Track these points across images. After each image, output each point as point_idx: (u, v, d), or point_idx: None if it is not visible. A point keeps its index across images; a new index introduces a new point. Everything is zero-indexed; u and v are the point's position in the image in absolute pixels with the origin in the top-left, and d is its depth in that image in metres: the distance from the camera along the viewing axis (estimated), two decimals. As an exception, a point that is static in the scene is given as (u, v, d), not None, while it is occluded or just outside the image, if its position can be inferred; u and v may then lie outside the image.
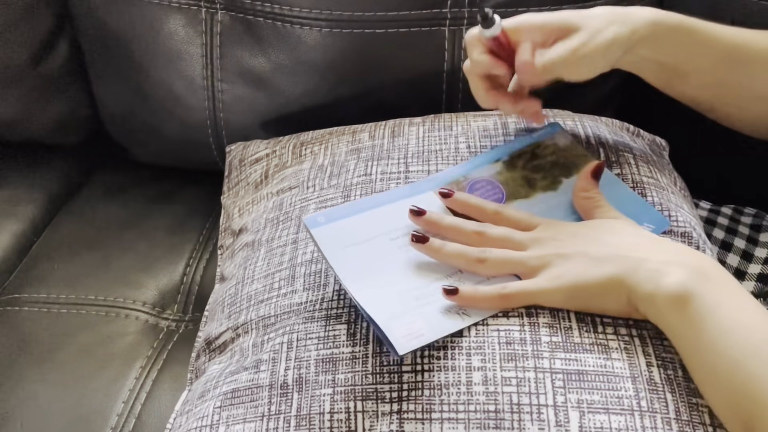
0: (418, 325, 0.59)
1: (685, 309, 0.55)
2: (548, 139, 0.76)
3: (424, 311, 0.60)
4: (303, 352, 0.62)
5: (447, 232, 0.65)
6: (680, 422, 0.54)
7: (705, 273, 0.57)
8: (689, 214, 0.72)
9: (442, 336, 0.59)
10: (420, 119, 0.85)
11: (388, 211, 0.68)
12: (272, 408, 0.60)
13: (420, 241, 0.64)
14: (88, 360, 0.88)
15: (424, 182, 0.72)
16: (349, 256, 0.64)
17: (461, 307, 0.61)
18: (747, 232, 0.84)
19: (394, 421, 0.56)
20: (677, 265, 0.57)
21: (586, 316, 0.60)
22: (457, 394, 0.56)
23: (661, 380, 0.56)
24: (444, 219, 0.66)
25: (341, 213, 0.67)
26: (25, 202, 1.10)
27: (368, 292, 0.61)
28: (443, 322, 0.60)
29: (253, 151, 0.91)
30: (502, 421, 0.55)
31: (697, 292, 0.55)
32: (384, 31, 0.93)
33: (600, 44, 0.66)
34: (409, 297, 0.61)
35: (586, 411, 0.55)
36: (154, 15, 0.99)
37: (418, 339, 0.58)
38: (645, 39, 0.68)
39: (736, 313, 0.54)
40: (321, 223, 0.66)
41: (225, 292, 0.76)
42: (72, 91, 1.12)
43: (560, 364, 0.57)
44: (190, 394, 0.70)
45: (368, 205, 0.69)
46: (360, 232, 0.66)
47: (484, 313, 0.61)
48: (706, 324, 0.54)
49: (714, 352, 0.54)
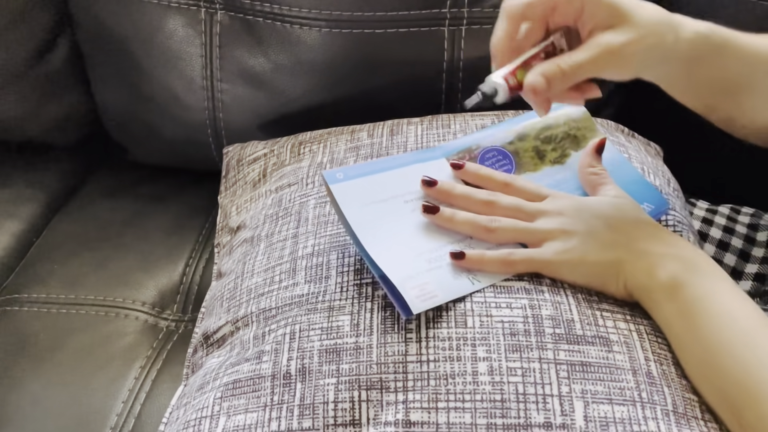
0: (431, 287, 0.61)
1: (677, 298, 0.58)
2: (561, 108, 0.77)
3: (436, 274, 0.62)
4: (306, 342, 0.62)
5: (458, 201, 0.67)
6: (677, 414, 0.55)
7: (697, 266, 0.59)
8: (680, 214, 0.73)
9: (453, 298, 0.61)
10: (418, 119, 0.85)
11: (404, 174, 0.69)
12: (275, 398, 0.60)
13: (430, 211, 0.66)
14: (87, 360, 0.87)
15: (438, 149, 0.74)
16: (366, 215, 0.65)
17: (471, 272, 0.63)
18: (744, 231, 0.84)
19: (400, 410, 0.56)
20: (672, 258, 0.60)
21: (587, 310, 0.61)
22: (463, 383, 0.56)
23: (658, 374, 0.57)
24: (455, 188, 0.68)
25: (359, 171, 0.68)
26: (25, 201, 1.10)
27: (383, 252, 0.63)
28: (454, 286, 0.62)
29: (250, 152, 0.92)
30: (509, 410, 0.55)
31: (689, 283, 0.58)
32: (383, 31, 0.93)
33: (647, 46, 0.60)
34: (421, 259, 0.63)
35: (591, 401, 0.55)
36: (153, 15, 0.99)
37: (431, 300, 0.60)
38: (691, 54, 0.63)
39: (725, 304, 0.57)
40: (339, 180, 0.67)
41: (223, 287, 0.75)
42: (71, 91, 1.12)
43: (564, 356, 0.58)
44: (186, 388, 0.69)
45: (385, 165, 0.70)
46: (377, 192, 0.67)
47: (494, 279, 0.63)
48: (698, 312, 0.57)
49: (704, 339, 0.56)
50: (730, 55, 0.64)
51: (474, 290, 0.62)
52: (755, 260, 0.82)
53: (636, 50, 0.59)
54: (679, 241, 0.62)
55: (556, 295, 0.62)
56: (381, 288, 0.63)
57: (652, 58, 0.61)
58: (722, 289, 0.58)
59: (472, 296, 0.62)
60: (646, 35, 0.59)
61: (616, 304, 0.62)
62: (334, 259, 0.68)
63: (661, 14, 0.61)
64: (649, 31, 0.60)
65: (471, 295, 0.62)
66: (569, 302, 0.61)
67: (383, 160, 0.72)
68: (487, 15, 0.91)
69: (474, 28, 0.92)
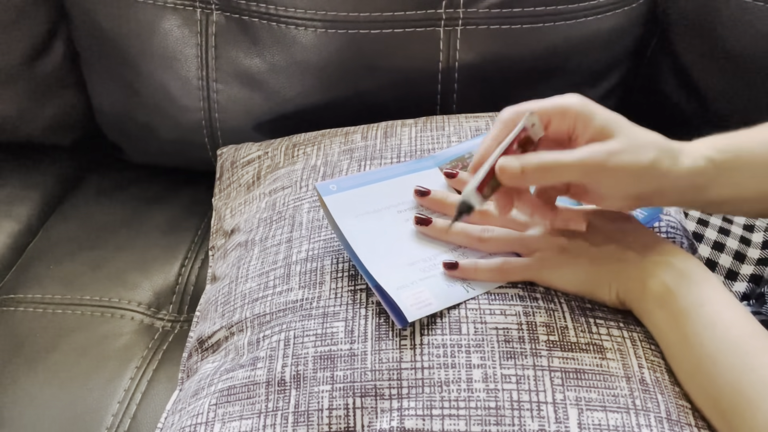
0: (425, 295, 0.61)
1: (669, 306, 0.58)
2: None
3: (431, 282, 0.63)
4: (300, 349, 0.62)
5: (451, 210, 0.67)
6: (671, 422, 0.56)
7: (689, 274, 0.59)
8: (674, 218, 0.73)
9: (448, 305, 0.61)
10: (412, 121, 0.85)
11: (397, 184, 0.70)
12: (269, 405, 0.60)
13: (423, 223, 0.67)
14: (83, 360, 0.87)
15: (431, 158, 0.74)
16: (360, 225, 0.66)
17: (465, 280, 0.63)
18: (740, 232, 0.84)
19: (394, 417, 0.56)
20: (664, 266, 0.60)
21: (580, 317, 0.61)
22: (458, 391, 0.57)
23: (651, 381, 0.58)
24: (448, 197, 0.68)
25: (352, 183, 0.69)
26: (21, 202, 1.10)
27: (378, 261, 0.63)
28: (449, 293, 0.62)
29: (244, 153, 0.92)
30: (503, 417, 0.55)
31: (681, 291, 0.58)
32: (379, 31, 0.93)
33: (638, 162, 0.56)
34: (415, 268, 0.64)
35: (585, 408, 0.55)
36: (149, 16, 0.98)
37: (426, 308, 0.60)
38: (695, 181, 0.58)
39: (717, 313, 0.57)
40: (333, 191, 0.68)
41: (218, 291, 0.75)
42: (67, 92, 1.12)
43: (558, 363, 0.58)
44: (182, 393, 0.70)
45: (378, 177, 0.71)
46: (370, 202, 0.68)
47: (487, 286, 0.63)
48: (689, 320, 0.57)
49: (696, 345, 0.56)
50: (743, 173, 0.60)
51: (468, 298, 0.62)
52: (750, 261, 0.82)
53: (622, 163, 0.55)
54: (671, 249, 0.62)
55: (550, 303, 0.62)
56: (375, 294, 0.63)
57: (645, 179, 0.57)
58: (714, 297, 0.58)
59: (467, 303, 0.62)
60: (637, 151, 0.56)
61: (610, 312, 0.62)
62: (328, 264, 0.67)
63: (657, 138, 0.58)
64: (640, 147, 0.56)
65: (465, 302, 0.62)
66: (563, 309, 0.62)
67: (376, 171, 0.72)
68: (482, 16, 0.91)
69: (469, 29, 0.92)
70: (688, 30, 0.97)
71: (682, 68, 1.00)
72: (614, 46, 0.98)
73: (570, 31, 0.93)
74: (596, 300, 0.63)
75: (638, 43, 1.01)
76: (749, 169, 0.60)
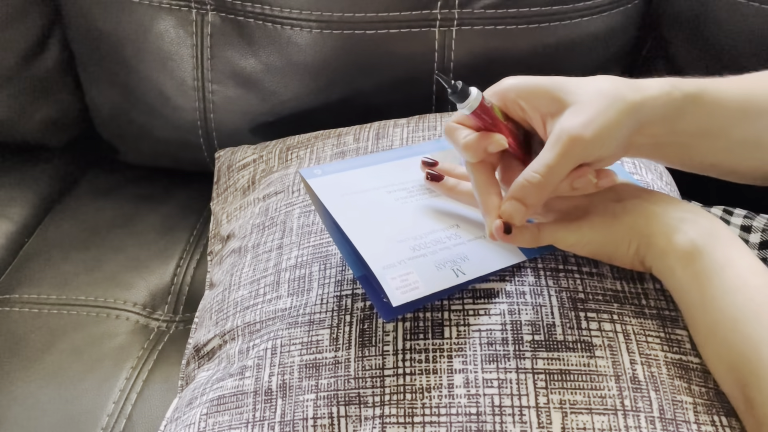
0: (413, 277, 0.58)
1: (694, 265, 0.55)
2: None
3: (420, 262, 0.59)
4: (287, 357, 0.62)
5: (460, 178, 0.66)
6: (664, 421, 0.54)
7: (716, 234, 0.56)
8: None
9: (436, 290, 0.58)
10: (405, 120, 0.85)
11: (386, 168, 0.68)
12: (257, 414, 0.60)
13: (435, 179, 0.65)
14: (78, 360, 0.88)
15: (415, 147, 0.72)
16: (347, 203, 0.63)
17: (456, 264, 0.60)
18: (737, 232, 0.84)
19: (376, 425, 0.56)
20: (690, 223, 0.57)
21: (570, 311, 0.60)
22: (439, 397, 0.56)
23: (644, 378, 0.56)
24: (457, 168, 0.67)
25: (338, 167, 0.67)
26: (16, 202, 1.11)
27: (366, 238, 0.60)
28: (438, 277, 0.59)
29: (240, 157, 0.92)
30: (484, 423, 0.55)
31: (707, 250, 0.55)
32: (374, 32, 0.93)
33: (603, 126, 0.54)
34: (405, 246, 0.60)
35: (569, 411, 0.54)
36: (144, 16, 0.98)
37: (412, 291, 0.57)
38: (658, 115, 0.57)
39: (742, 275, 0.54)
40: (317, 175, 0.65)
41: (213, 298, 0.76)
42: (63, 93, 1.12)
43: (542, 364, 0.57)
44: (180, 401, 0.70)
45: (364, 162, 0.68)
46: (358, 184, 0.65)
47: (479, 271, 0.60)
48: (712, 282, 0.54)
49: (717, 310, 0.54)
50: (699, 108, 0.58)
51: (458, 282, 0.59)
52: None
53: (598, 126, 0.53)
54: (696, 208, 0.59)
55: (538, 297, 0.60)
56: (360, 300, 0.62)
57: (623, 121, 0.55)
58: (740, 260, 0.55)
59: (450, 304, 0.61)
60: (599, 105, 0.54)
61: (604, 302, 0.60)
62: (316, 270, 0.67)
63: (605, 82, 0.56)
64: (599, 98, 0.54)
65: (449, 303, 0.61)
66: (551, 304, 0.60)
67: (363, 157, 0.70)
68: (477, 16, 0.91)
69: (465, 29, 0.92)
70: (683, 30, 0.97)
71: (677, 68, 0.99)
72: (609, 46, 0.97)
73: (565, 32, 0.93)
74: (614, 261, 0.60)
75: (633, 44, 1.01)
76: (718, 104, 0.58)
